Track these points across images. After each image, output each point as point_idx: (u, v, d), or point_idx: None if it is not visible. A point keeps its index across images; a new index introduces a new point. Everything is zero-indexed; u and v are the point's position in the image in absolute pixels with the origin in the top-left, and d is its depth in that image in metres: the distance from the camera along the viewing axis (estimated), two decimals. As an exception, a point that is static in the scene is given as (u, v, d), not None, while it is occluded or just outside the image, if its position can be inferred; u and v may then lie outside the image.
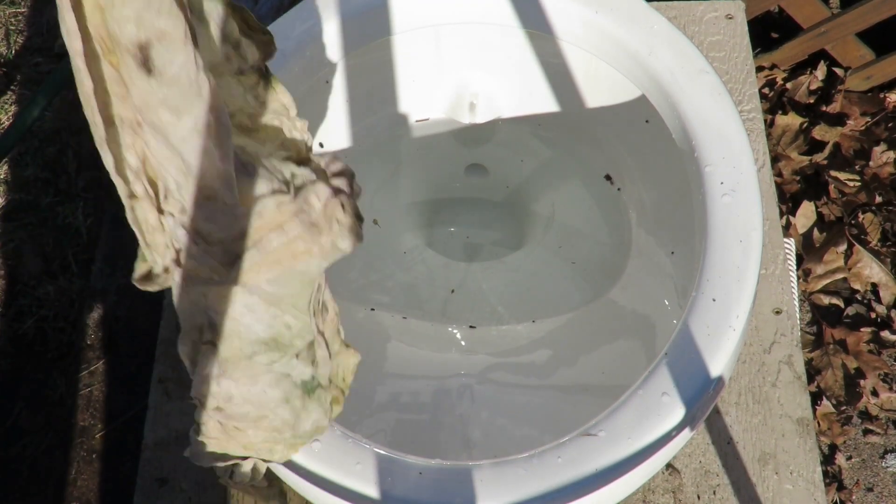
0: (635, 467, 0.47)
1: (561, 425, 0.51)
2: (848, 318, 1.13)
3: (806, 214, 1.16)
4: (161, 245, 0.38)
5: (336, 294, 0.76)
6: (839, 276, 1.14)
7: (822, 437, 1.05)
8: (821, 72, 1.24)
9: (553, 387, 0.71)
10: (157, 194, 0.36)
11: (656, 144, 0.67)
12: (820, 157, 1.20)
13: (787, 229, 1.16)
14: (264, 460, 0.45)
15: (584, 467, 0.46)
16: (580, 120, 0.78)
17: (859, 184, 1.17)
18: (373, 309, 0.76)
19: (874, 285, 1.14)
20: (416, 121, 0.81)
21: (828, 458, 1.05)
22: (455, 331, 0.76)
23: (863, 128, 1.22)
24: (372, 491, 0.47)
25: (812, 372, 1.09)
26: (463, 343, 0.75)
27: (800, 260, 1.15)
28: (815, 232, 1.16)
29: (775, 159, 1.19)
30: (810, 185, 1.20)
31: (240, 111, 0.40)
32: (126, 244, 1.24)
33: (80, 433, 1.12)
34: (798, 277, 1.13)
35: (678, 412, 0.48)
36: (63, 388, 1.14)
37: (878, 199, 1.16)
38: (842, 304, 1.14)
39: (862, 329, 1.11)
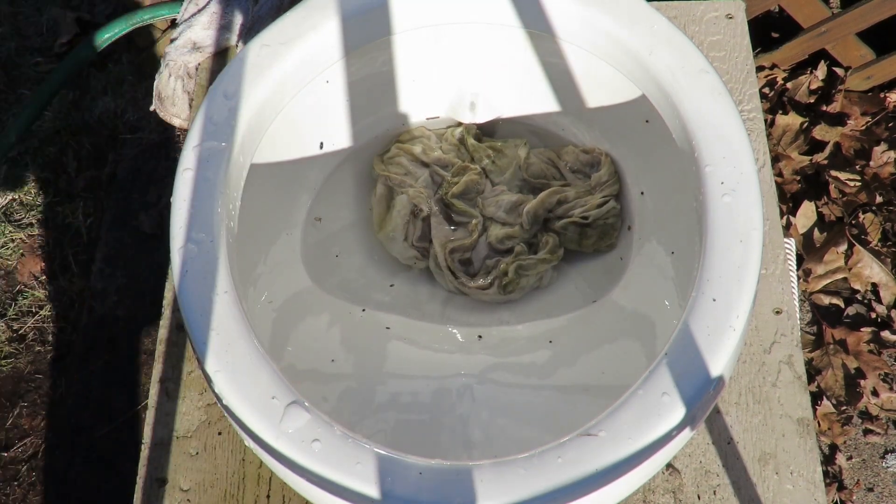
0: (635, 467, 0.47)
1: (561, 425, 0.51)
2: (848, 318, 1.13)
3: (806, 214, 1.16)
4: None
5: (334, 294, 0.76)
6: (839, 276, 1.14)
7: (823, 437, 1.05)
8: (821, 71, 1.24)
9: (553, 387, 0.71)
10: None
11: (656, 144, 0.67)
12: (820, 157, 1.20)
13: (787, 229, 1.16)
14: None
15: (584, 467, 0.46)
16: (580, 120, 0.78)
17: (860, 184, 1.17)
18: (371, 309, 0.76)
19: (874, 285, 1.14)
20: (427, 118, 0.81)
21: (828, 458, 1.05)
22: (455, 331, 0.76)
23: (863, 127, 1.22)
24: (372, 491, 0.47)
25: (812, 372, 1.09)
26: (463, 343, 0.75)
27: (800, 260, 1.15)
28: (816, 232, 1.16)
29: (776, 159, 1.19)
30: (811, 184, 1.20)
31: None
32: (126, 244, 1.24)
33: (79, 433, 1.12)
34: (798, 277, 1.13)
35: (678, 412, 0.48)
36: (63, 388, 1.14)
37: (879, 198, 1.16)
38: (842, 304, 1.14)
39: (862, 329, 1.11)
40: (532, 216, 0.77)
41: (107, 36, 1.14)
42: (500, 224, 0.78)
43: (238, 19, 0.99)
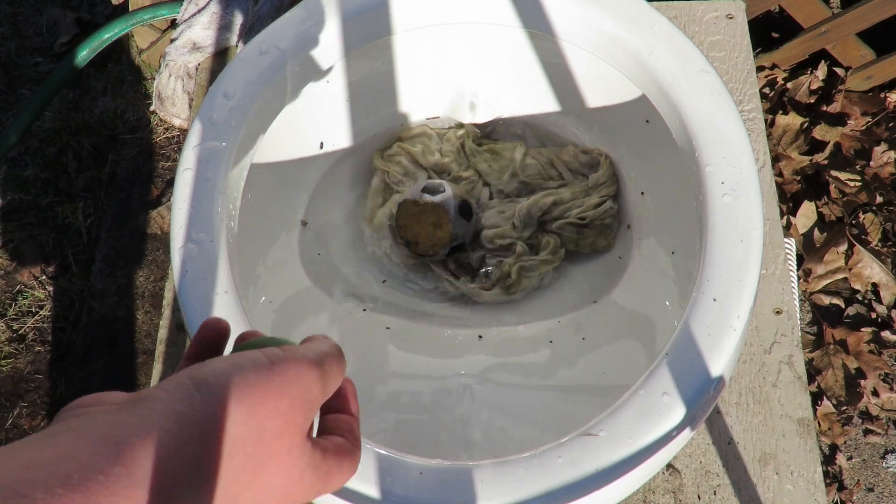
0: (635, 467, 0.47)
1: (561, 425, 0.51)
2: (848, 318, 1.13)
3: (806, 214, 1.16)
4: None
5: (334, 294, 0.76)
6: (840, 276, 1.14)
7: (823, 438, 1.05)
8: (821, 71, 1.24)
9: (553, 387, 0.71)
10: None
11: (656, 144, 0.67)
12: (820, 157, 1.20)
13: (787, 229, 1.16)
14: None
15: (584, 467, 0.46)
16: (580, 120, 0.78)
17: (860, 184, 1.17)
18: (371, 309, 0.76)
19: (875, 285, 1.14)
20: (427, 118, 0.81)
21: (828, 459, 1.05)
22: (455, 331, 0.76)
23: (863, 127, 1.22)
24: (372, 491, 0.47)
25: (812, 372, 1.09)
26: (463, 343, 0.75)
27: (800, 260, 1.15)
28: (816, 232, 1.16)
29: (776, 159, 1.19)
30: (811, 184, 1.20)
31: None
32: (126, 244, 1.24)
33: (80, 433, 1.11)
34: (798, 277, 1.13)
35: (679, 412, 0.48)
36: (63, 388, 1.14)
37: (879, 199, 1.16)
38: (842, 304, 1.14)
39: (862, 329, 1.11)
40: (524, 215, 0.77)
41: (107, 36, 1.14)
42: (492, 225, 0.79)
43: (238, 19, 0.99)
